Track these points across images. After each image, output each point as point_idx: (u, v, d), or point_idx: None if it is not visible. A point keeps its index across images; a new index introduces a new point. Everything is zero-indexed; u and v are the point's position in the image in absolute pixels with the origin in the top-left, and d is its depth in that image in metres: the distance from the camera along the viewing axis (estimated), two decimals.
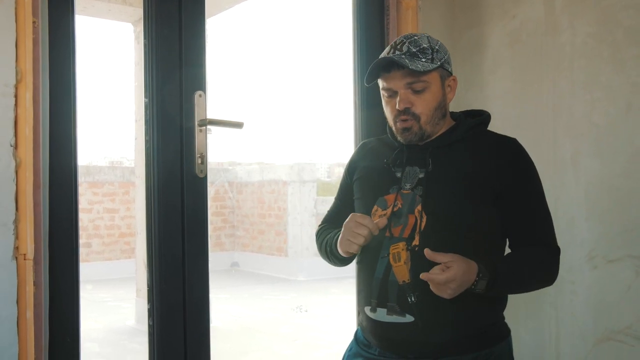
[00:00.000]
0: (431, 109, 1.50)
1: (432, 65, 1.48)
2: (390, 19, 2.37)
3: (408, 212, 1.47)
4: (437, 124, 1.52)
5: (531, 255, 1.48)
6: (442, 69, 1.50)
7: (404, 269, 1.43)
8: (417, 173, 1.51)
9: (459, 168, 1.48)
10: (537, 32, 2.23)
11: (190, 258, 1.84)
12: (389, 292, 1.45)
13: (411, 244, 1.44)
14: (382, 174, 1.56)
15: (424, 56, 1.48)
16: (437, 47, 1.51)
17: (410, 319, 1.43)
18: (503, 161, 1.48)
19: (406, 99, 1.49)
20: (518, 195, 1.48)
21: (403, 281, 1.43)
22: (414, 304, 1.42)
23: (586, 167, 2.07)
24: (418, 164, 1.51)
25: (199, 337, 1.86)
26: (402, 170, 1.53)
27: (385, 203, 1.51)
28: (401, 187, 1.51)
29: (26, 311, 1.53)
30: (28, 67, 1.54)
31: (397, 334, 1.45)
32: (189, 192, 1.84)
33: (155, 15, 1.81)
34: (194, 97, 1.84)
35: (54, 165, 1.65)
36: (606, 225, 2.03)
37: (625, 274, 1.97)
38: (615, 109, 2.00)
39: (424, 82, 1.48)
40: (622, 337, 1.97)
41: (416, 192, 1.48)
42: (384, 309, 1.46)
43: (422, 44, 1.49)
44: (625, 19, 1.98)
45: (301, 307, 7.06)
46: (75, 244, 1.70)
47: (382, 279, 1.46)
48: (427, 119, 1.50)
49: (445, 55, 1.52)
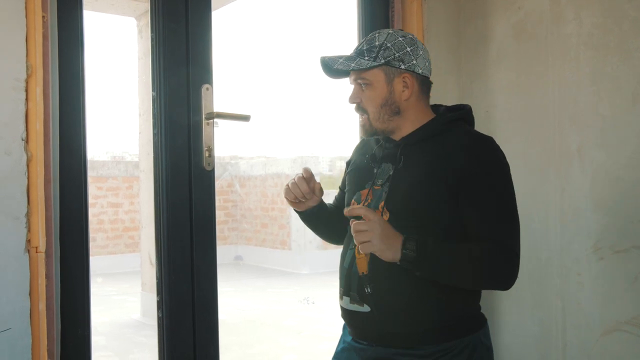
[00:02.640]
0: (377, 105, 1.52)
1: (371, 63, 1.50)
2: (395, 12, 2.37)
3: (375, 207, 1.51)
4: (390, 120, 1.53)
5: (475, 247, 1.42)
6: (387, 66, 1.50)
7: (365, 261, 1.49)
8: (389, 169, 1.54)
9: (423, 165, 1.49)
10: (542, 23, 2.23)
11: (198, 251, 1.86)
12: (352, 281, 1.51)
13: None
14: (364, 169, 1.61)
15: (368, 54, 1.51)
16: (390, 44, 1.51)
17: (367, 309, 1.48)
18: (465, 158, 1.45)
19: (355, 95, 1.56)
20: (473, 191, 1.43)
21: (363, 272, 1.49)
22: (370, 295, 1.47)
23: (592, 158, 2.08)
24: (391, 161, 1.54)
25: (208, 329, 1.88)
26: (378, 167, 1.57)
27: (360, 197, 1.57)
28: (374, 182, 1.55)
29: (39, 303, 1.55)
30: (38, 61, 1.55)
31: (359, 321, 1.52)
32: (197, 185, 1.85)
33: (162, 9, 1.82)
34: (201, 90, 1.85)
35: (64, 159, 1.67)
36: (612, 217, 2.03)
37: (632, 265, 1.97)
38: (621, 99, 2.00)
39: (364, 79, 1.52)
40: (628, 327, 1.98)
41: (384, 188, 1.52)
42: (348, 298, 1.53)
43: (374, 42, 1.52)
44: (631, 9, 1.98)
45: (308, 299, 7.09)
46: (85, 237, 1.72)
47: (348, 269, 1.53)
48: (374, 116, 1.53)
49: (398, 53, 1.50)
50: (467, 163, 1.44)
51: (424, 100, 1.57)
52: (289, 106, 17.48)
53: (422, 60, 1.53)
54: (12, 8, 1.53)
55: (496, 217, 1.44)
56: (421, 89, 1.54)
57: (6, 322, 1.51)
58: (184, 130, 1.84)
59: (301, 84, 18.70)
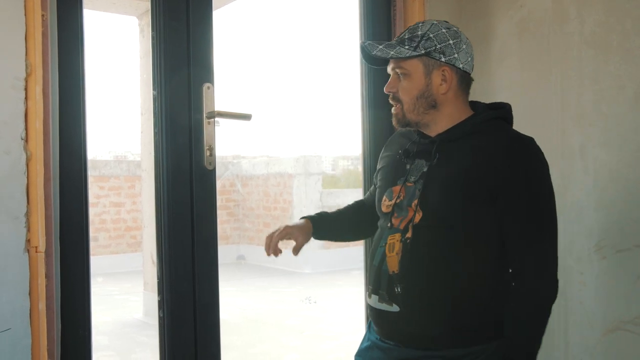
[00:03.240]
0: (412, 96, 1.49)
1: (411, 52, 1.46)
2: (397, 10, 2.36)
3: (407, 205, 1.48)
4: (425, 113, 1.49)
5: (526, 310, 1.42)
6: (427, 57, 1.46)
7: (395, 260, 1.46)
8: (422, 166, 1.50)
9: (459, 163, 1.45)
10: (545, 21, 2.22)
11: (200, 250, 1.85)
12: (382, 280, 1.48)
13: (405, 236, 1.46)
14: (396, 165, 1.58)
15: (409, 43, 1.47)
16: (432, 35, 1.47)
17: (396, 308, 1.45)
18: (504, 160, 1.41)
19: (391, 84, 1.53)
20: (514, 199, 1.40)
21: (393, 271, 1.46)
22: (400, 294, 1.44)
23: (595, 157, 2.07)
24: (425, 157, 1.50)
25: (209, 329, 1.87)
26: (411, 163, 1.53)
27: (392, 194, 1.54)
28: (407, 179, 1.52)
29: (38, 303, 1.54)
30: (38, 60, 1.55)
31: (387, 321, 1.49)
32: (198, 184, 1.85)
33: (163, 7, 1.81)
34: (202, 89, 1.84)
35: (64, 159, 1.66)
36: (615, 215, 2.02)
37: (634, 264, 1.96)
38: (623, 98, 1.99)
39: (402, 69, 1.49)
40: (631, 326, 1.98)
41: (417, 186, 1.48)
42: (377, 296, 1.50)
43: (417, 31, 1.49)
44: (633, 8, 1.96)
45: (310, 299, 7.08)
46: (85, 236, 1.71)
47: (378, 267, 1.50)
48: (408, 107, 1.50)
49: (440, 45, 1.46)
50: (509, 166, 1.40)
51: (463, 96, 1.53)
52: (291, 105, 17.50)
53: (464, 54, 1.49)
54: (11, 7, 1.52)
55: (537, 235, 1.42)
56: (460, 85, 1.51)
57: (6, 322, 1.50)
58: (185, 130, 1.84)
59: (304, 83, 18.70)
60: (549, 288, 1.43)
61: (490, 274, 1.47)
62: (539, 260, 1.42)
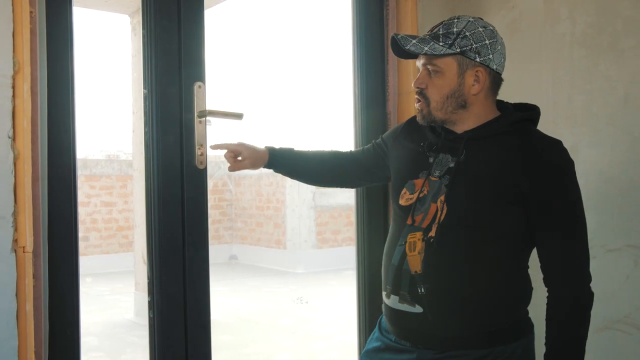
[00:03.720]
0: (442, 95, 1.45)
1: (446, 50, 1.42)
2: (390, 10, 2.36)
3: (431, 200, 1.45)
4: (454, 112, 1.46)
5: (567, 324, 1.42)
6: (462, 56, 1.43)
7: (418, 259, 1.42)
8: (448, 161, 1.46)
9: (488, 163, 1.42)
10: (536, 22, 2.22)
11: (190, 250, 1.84)
12: (402, 280, 1.44)
13: (427, 235, 1.43)
14: (416, 156, 1.53)
15: (444, 40, 1.43)
16: (468, 33, 1.43)
17: (419, 309, 1.42)
18: (532, 163, 1.39)
19: (421, 79, 1.48)
20: (542, 204, 1.39)
21: (415, 271, 1.42)
22: (424, 295, 1.41)
23: (586, 157, 2.07)
24: (451, 152, 1.47)
25: (200, 330, 1.86)
26: (435, 156, 1.49)
27: (414, 187, 1.49)
28: (430, 173, 1.48)
29: (25, 304, 1.53)
30: (25, 57, 1.53)
31: (407, 322, 1.45)
32: (189, 183, 1.83)
33: (154, 6, 1.80)
34: (193, 88, 1.83)
35: (53, 158, 1.64)
36: (605, 215, 2.02)
37: (624, 264, 1.97)
38: (614, 99, 2.00)
39: (435, 66, 1.45)
40: (621, 326, 1.98)
41: (443, 181, 1.45)
42: (397, 297, 1.45)
43: (452, 28, 1.45)
44: (624, 9, 1.97)
45: (302, 299, 7.08)
46: (74, 236, 1.70)
47: (397, 267, 1.45)
48: (436, 105, 1.46)
49: (476, 44, 1.42)
50: (540, 169, 1.39)
51: (492, 96, 1.50)
52: (284, 104, 17.45)
53: (498, 55, 1.46)
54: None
55: (571, 239, 1.42)
56: (491, 86, 1.48)
57: None
58: (175, 129, 1.82)
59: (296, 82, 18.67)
60: (587, 291, 1.43)
61: (514, 274, 1.46)
62: (575, 263, 1.42)
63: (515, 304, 1.46)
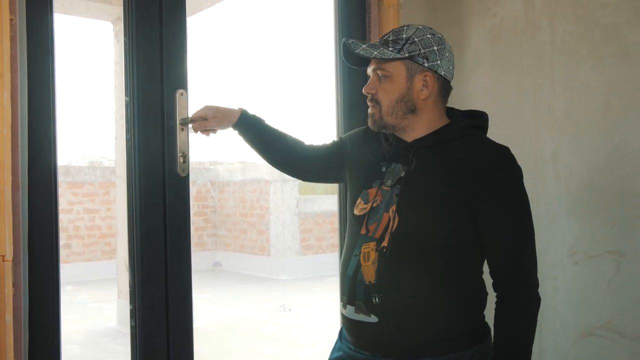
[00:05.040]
0: (392, 100, 1.47)
1: (395, 54, 1.44)
2: (372, 17, 2.37)
3: (384, 210, 1.46)
4: (404, 117, 1.47)
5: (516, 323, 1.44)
6: (410, 60, 1.44)
7: (372, 269, 1.43)
8: (399, 170, 1.48)
9: (438, 172, 1.44)
10: (517, 30, 2.24)
11: (172, 258, 1.83)
12: (357, 290, 1.45)
13: (381, 245, 1.43)
14: (370, 166, 1.55)
15: (393, 45, 1.46)
16: (417, 39, 1.45)
17: (374, 319, 1.42)
18: (480, 170, 1.41)
19: (371, 85, 1.50)
20: (489, 210, 1.41)
21: (369, 281, 1.43)
22: (378, 305, 1.41)
23: (566, 164, 2.09)
24: (402, 162, 1.48)
25: (182, 338, 1.85)
26: (387, 165, 1.51)
27: (368, 197, 1.51)
28: (383, 182, 1.49)
29: (5, 314, 1.51)
30: (5, 65, 1.52)
31: (364, 332, 1.46)
32: (171, 191, 1.83)
33: (136, 13, 1.79)
34: (175, 95, 1.82)
35: (33, 166, 1.63)
36: (587, 222, 2.05)
37: (606, 270, 1.99)
38: (594, 106, 2.02)
39: (384, 70, 1.47)
40: (603, 332, 2.00)
41: (394, 190, 1.46)
42: (353, 307, 1.46)
43: (401, 34, 1.47)
44: (602, 17, 2.00)
45: (284, 306, 7.05)
46: (55, 245, 1.68)
47: (352, 277, 1.47)
48: (387, 110, 1.48)
49: (424, 50, 1.44)
50: (486, 176, 1.41)
51: (442, 103, 1.51)
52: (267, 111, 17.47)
53: (446, 62, 1.48)
54: None
55: (518, 243, 1.44)
56: (440, 92, 1.49)
57: None
58: (157, 136, 1.81)
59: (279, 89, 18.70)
60: (535, 296, 1.46)
61: (468, 281, 1.47)
62: (522, 268, 1.44)
63: (469, 311, 1.46)
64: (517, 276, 1.44)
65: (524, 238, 1.45)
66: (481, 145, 1.47)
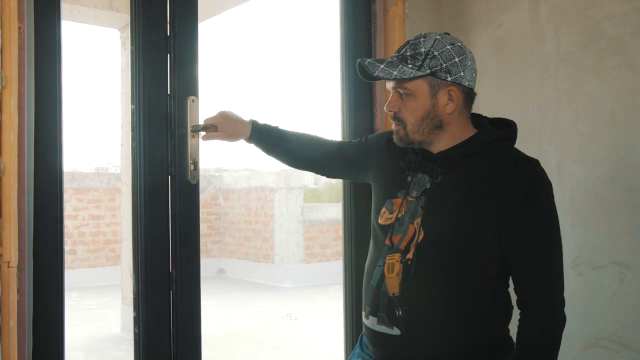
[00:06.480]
0: (417, 117, 1.42)
1: (415, 72, 1.38)
2: (377, 27, 2.38)
3: (409, 222, 1.43)
4: (430, 133, 1.43)
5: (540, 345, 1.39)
6: (432, 77, 1.39)
7: (396, 281, 1.41)
8: (425, 182, 1.44)
9: (464, 185, 1.40)
10: (522, 40, 2.25)
11: (180, 266, 1.82)
12: (381, 302, 1.43)
13: (405, 257, 1.41)
14: (396, 175, 1.51)
15: (412, 62, 1.39)
16: (436, 52, 1.39)
17: (397, 332, 1.40)
18: (508, 185, 1.36)
19: (393, 103, 1.45)
20: (517, 226, 1.36)
21: (393, 293, 1.40)
22: (401, 318, 1.39)
23: (571, 175, 2.09)
24: (429, 173, 1.44)
25: (190, 346, 1.84)
26: (413, 175, 1.47)
27: (392, 207, 1.48)
28: (408, 193, 1.46)
29: (9, 319, 1.51)
30: (13, 73, 1.53)
31: (386, 344, 1.43)
32: (182, 198, 1.82)
33: (143, 22, 1.80)
34: (186, 102, 1.83)
35: (39, 172, 1.63)
36: (591, 233, 2.04)
37: (610, 281, 1.98)
38: (598, 116, 2.02)
39: (406, 89, 1.41)
40: (607, 343, 1.99)
41: (419, 202, 1.43)
42: (375, 318, 1.44)
43: (419, 48, 1.41)
44: (608, 28, 2.00)
45: (290, 315, 7.04)
46: (60, 250, 1.68)
47: (376, 288, 1.44)
48: (413, 128, 1.43)
49: (446, 63, 1.39)
50: (516, 189, 1.36)
51: (467, 113, 1.47)
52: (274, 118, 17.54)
53: (469, 71, 1.43)
54: None
55: (546, 258, 1.38)
56: (465, 102, 1.45)
57: None
58: (163, 143, 1.82)
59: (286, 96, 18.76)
60: (559, 316, 1.41)
61: (492, 295, 1.44)
62: (548, 287, 1.40)
63: (494, 325, 1.44)
64: (543, 296, 1.40)
65: (552, 257, 1.40)
66: (509, 157, 1.42)
